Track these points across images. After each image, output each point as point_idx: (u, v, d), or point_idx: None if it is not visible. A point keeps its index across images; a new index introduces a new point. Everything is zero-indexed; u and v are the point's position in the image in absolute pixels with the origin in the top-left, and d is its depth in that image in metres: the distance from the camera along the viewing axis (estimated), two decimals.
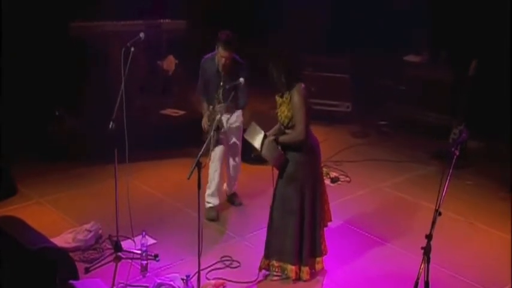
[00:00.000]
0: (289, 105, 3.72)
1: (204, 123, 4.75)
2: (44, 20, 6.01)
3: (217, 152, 4.73)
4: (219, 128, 4.55)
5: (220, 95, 4.56)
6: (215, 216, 4.84)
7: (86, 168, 5.75)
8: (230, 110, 4.66)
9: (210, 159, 4.70)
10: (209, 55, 4.71)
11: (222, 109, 4.53)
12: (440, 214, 3.16)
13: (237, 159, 4.93)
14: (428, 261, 3.12)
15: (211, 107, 4.71)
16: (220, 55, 4.53)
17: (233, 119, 4.77)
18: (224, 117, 4.67)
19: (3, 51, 5.81)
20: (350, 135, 6.90)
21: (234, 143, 4.85)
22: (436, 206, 3.13)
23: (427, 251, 3.13)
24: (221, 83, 4.56)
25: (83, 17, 6.09)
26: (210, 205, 4.85)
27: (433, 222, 3.14)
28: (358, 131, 6.96)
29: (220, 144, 4.75)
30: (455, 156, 3.21)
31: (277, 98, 3.86)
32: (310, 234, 3.88)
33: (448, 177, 3.15)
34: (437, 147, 6.16)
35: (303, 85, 3.73)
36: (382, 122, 7.02)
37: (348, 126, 7.08)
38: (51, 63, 6.09)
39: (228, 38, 4.49)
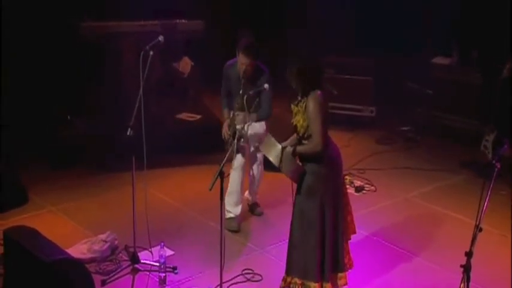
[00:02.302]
0: (305, 114, 3.52)
1: (224, 132, 4.63)
2: (54, 20, 5.89)
3: (238, 160, 4.58)
4: (239, 138, 4.36)
5: (240, 103, 4.38)
6: (236, 227, 4.69)
7: (100, 176, 5.60)
8: (253, 118, 4.48)
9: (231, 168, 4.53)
10: (231, 61, 4.59)
11: (241, 118, 4.39)
12: (481, 230, 2.99)
13: (259, 167, 4.76)
14: (468, 281, 2.95)
15: (232, 113, 4.55)
16: (240, 62, 4.42)
17: (256, 128, 4.58)
18: (245, 125, 4.47)
19: (12, 53, 5.69)
20: (374, 141, 6.70)
21: (255, 152, 4.68)
22: (476, 221, 2.96)
23: (467, 269, 2.95)
24: (240, 91, 4.40)
25: (95, 16, 5.94)
26: (231, 215, 4.71)
27: (473, 239, 2.96)
28: (383, 137, 6.76)
29: (242, 152, 4.57)
30: (496, 169, 3.04)
31: (293, 106, 3.64)
32: (332, 248, 3.68)
33: (489, 192, 2.98)
34: (467, 155, 5.96)
35: (319, 92, 3.50)
36: (405, 128, 6.80)
37: (372, 132, 6.88)
38: (62, 66, 5.98)
39: (249, 44, 4.39)
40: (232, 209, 4.69)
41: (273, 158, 3.56)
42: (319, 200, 3.58)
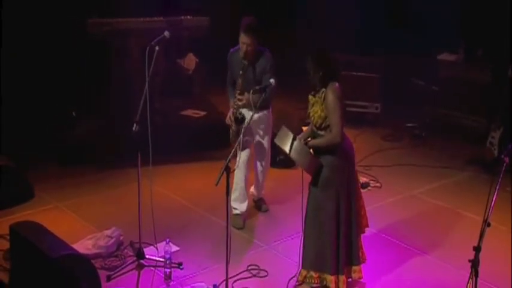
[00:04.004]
0: (323, 105, 3.57)
1: (228, 119, 4.57)
2: (60, 17, 5.87)
3: (243, 156, 4.54)
4: (239, 120, 4.32)
5: (241, 84, 4.33)
6: (241, 223, 4.68)
7: (106, 172, 5.60)
8: (254, 99, 4.31)
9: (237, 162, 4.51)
10: (235, 47, 4.54)
11: (244, 102, 4.34)
12: (489, 225, 2.99)
13: (264, 162, 4.74)
14: (476, 276, 2.96)
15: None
16: (241, 41, 4.34)
17: (260, 117, 4.52)
18: (248, 113, 4.38)
19: (15, 50, 5.68)
20: (380, 138, 6.65)
21: (260, 143, 4.63)
22: (484, 217, 2.95)
23: (475, 264, 2.95)
24: (240, 72, 4.35)
25: (101, 13, 5.93)
26: (237, 212, 4.69)
27: (481, 234, 2.96)
28: (388, 134, 6.71)
29: (247, 146, 4.55)
30: (505, 164, 3.03)
31: (310, 97, 3.70)
32: (346, 241, 3.71)
33: (497, 187, 3.00)
34: (473, 152, 5.91)
35: (337, 84, 3.59)
36: (410, 125, 6.77)
37: (378, 129, 6.83)
38: (68, 63, 5.97)
39: (250, 23, 4.30)
40: (238, 205, 4.67)
41: (286, 147, 3.58)
42: (334, 192, 3.62)
